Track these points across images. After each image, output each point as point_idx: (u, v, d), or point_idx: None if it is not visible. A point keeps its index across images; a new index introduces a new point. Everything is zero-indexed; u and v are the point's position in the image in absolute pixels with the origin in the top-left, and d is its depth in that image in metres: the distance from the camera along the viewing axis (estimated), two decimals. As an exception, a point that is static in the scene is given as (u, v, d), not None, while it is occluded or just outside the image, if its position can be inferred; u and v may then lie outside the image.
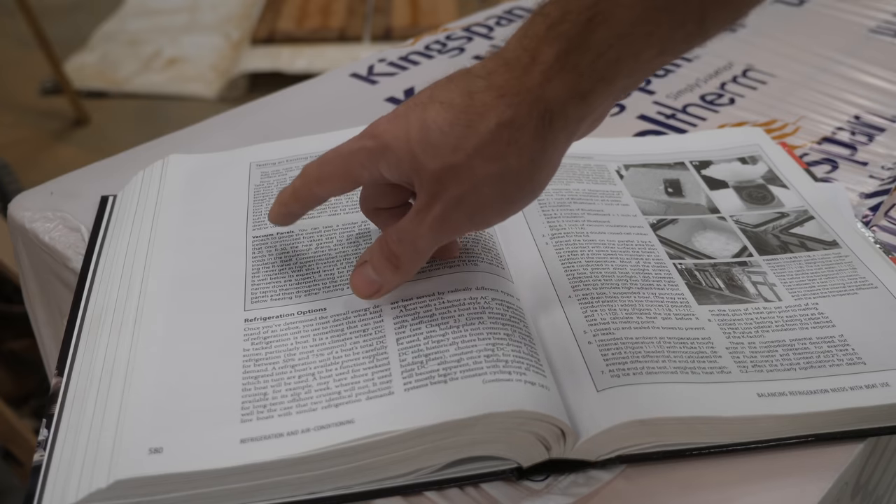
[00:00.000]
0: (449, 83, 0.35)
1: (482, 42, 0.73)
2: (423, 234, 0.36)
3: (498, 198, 0.35)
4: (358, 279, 0.38)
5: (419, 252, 0.37)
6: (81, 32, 2.43)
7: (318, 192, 0.39)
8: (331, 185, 0.39)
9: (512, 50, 0.33)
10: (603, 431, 0.34)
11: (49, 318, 0.54)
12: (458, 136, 0.33)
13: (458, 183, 0.34)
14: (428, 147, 0.34)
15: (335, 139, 0.51)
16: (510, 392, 0.34)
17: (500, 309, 0.38)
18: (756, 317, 0.41)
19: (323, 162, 0.39)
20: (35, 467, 0.33)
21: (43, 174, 0.60)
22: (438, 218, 0.35)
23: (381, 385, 0.35)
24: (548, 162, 0.35)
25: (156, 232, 0.44)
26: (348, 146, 0.37)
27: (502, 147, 0.33)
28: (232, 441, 0.33)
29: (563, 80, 0.32)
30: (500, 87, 0.33)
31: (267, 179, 0.48)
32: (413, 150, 0.34)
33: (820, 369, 0.38)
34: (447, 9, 2.37)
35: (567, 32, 0.32)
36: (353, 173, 0.37)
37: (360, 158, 0.37)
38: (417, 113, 0.34)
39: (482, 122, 0.33)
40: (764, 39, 0.73)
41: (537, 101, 0.33)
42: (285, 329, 0.38)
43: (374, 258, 0.38)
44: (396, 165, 0.35)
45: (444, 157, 0.34)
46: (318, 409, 0.34)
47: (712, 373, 0.37)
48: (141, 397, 0.35)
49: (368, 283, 0.38)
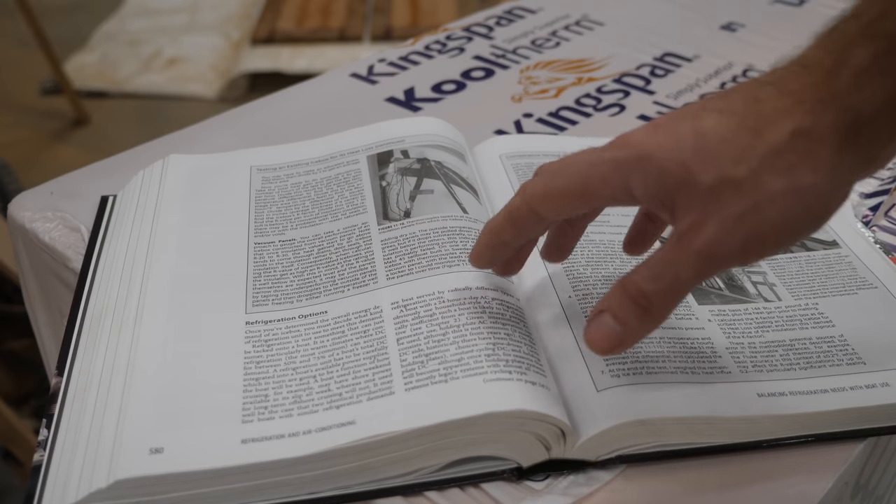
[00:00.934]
0: (727, 93, 0.30)
1: (482, 42, 0.73)
2: (686, 264, 0.29)
3: (783, 221, 0.29)
4: (595, 332, 0.31)
5: (678, 288, 0.30)
6: (81, 32, 2.43)
7: (543, 212, 0.33)
8: (557, 204, 0.32)
9: (812, 53, 0.29)
10: (603, 431, 0.34)
11: (49, 318, 0.54)
12: (742, 144, 0.29)
13: (738, 199, 0.28)
14: (704, 156, 0.29)
15: (337, 141, 0.52)
16: (511, 391, 0.34)
17: (500, 309, 0.38)
18: (756, 317, 0.41)
19: (554, 173, 0.33)
20: (35, 467, 0.33)
21: (43, 174, 0.60)
22: (710, 242, 0.29)
23: (381, 385, 0.35)
24: (843, 184, 0.29)
25: (156, 232, 0.44)
26: (588, 156, 0.31)
27: (796, 159, 0.28)
28: (233, 441, 0.33)
29: (881, 85, 0.28)
30: (796, 93, 0.29)
31: (268, 185, 0.48)
32: (684, 159, 0.29)
33: (820, 369, 0.38)
34: (447, 9, 2.37)
35: (889, 30, 0.27)
36: (591, 189, 0.31)
37: (603, 171, 0.31)
38: (688, 122, 0.30)
39: (773, 129, 0.28)
40: (764, 39, 0.73)
41: (845, 109, 0.28)
42: (287, 332, 0.38)
43: (615, 303, 0.31)
44: (657, 179, 0.30)
45: (723, 169, 0.29)
46: (320, 410, 0.34)
47: (712, 373, 0.37)
48: (141, 397, 0.35)
49: (608, 335, 0.31)
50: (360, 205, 0.46)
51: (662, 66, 0.69)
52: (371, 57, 0.70)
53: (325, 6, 2.41)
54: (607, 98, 0.64)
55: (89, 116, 2.06)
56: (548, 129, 0.60)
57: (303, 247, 0.44)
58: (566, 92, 0.65)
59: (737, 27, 0.75)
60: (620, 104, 0.63)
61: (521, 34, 0.74)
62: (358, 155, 0.50)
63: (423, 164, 0.48)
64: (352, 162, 0.50)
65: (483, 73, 0.67)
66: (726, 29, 0.75)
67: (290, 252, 0.43)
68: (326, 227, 0.45)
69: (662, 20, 0.77)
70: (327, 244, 0.44)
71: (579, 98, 0.64)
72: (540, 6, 0.80)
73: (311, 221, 0.45)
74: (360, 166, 0.49)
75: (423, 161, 0.48)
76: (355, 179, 0.48)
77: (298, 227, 0.45)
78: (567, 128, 0.60)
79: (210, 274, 0.42)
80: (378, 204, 0.45)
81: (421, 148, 0.49)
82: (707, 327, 0.40)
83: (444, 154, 0.49)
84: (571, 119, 0.61)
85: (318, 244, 0.44)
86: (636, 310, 0.30)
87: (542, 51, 0.71)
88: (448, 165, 0.48)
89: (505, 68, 0.68)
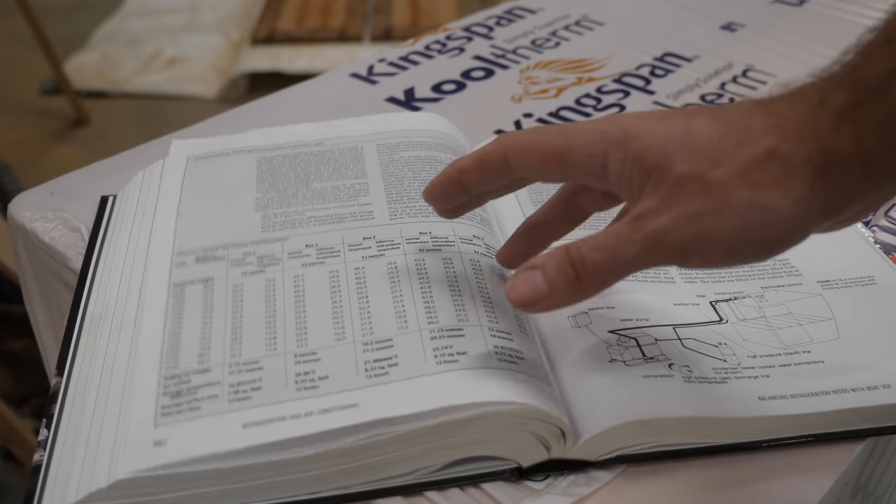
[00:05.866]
0: (724, 105, 0.32)
1: (482, 42, 0.73)
2: (631, 244, 0.30)
3: (736, 233, 0.29)
4: (520, 283, 0.32)
5: (616, 265, 0.31)
6: (81, 32, 2.43)
7: (514, 160, 0.33)
8: (534, 158, 0.33)
9: (805, 86, 0.30)
10: (603, 431, 0.34)
11: (49, 318, 0.54)
12: (724, 150, 0.30)
13: (702, 198, 0.29)
14: (685, 150, 0.30)
15: (337, 128, 0.51)
16: (514, 385, 0.34)
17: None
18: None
19: (539, 129, 0.33)
20: (35, 467, 0.33)
21: (43, 174, 0.61)
22: (661, 230, 0.30)
23: (384, 371, 0.35)
24: (805, 221, 0.30)
25: (156, 232, 0.44)
26: (577, 125, 0.33)
27: (769, 179, 0.29)
28: (234, 426, 0.33)
29: (851, 131, 0.29)
30: (783, 118, 0.30)
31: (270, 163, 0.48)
32: (665, 148, 0.30)
33: (820, 367, 0.38)
34: (447, 9, 2.37)
35: (864, 80, 0.29)
36: (571, 154, 0.32)
37: (587, 140, 0.32)
38: (681, 118, 0.31)
39: (755, 144, 0.29)
40: (764, 39, 0.73)
41: (820, 146, 0.29)
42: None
43: (550, 262, 0.31)
44: (635, 159, 0.31)
45: (698, 166, 0.29)
46: (321, 394, 0.34)
47: (713, 372, 0.37)
48: (142, 394, 0.35)
49: (531, 290, 0.31)
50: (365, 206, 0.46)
51: (662, 66, 0.69)
52: (371, 57, 0.70)
53: (325, 6, 2.41)
54: (607, 98, 0.64)
55: (89, 116, 2.06)
56: (548, 129, 0.60)
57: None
58: (566, 92, 0.65)
59: (737, 27, 0.75)
60: (620, 104, 0.63)
61: (521, 34, 0.75)
62: (360, 142, 0.50)
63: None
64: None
65: (483, 73, 0.67)
66: (726, 29, 0.75)
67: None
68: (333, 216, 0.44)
69: (662, 20, 0.77)
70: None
71: (579, 98, 0.64)
72: (540, 6, 0.80)
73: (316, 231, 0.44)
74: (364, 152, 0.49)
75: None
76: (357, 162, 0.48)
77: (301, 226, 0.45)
78: (567, 128, 0.60)
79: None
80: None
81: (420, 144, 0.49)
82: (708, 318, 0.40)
83: (444, 154, 0.49)
84: (571, 119, 0.61)
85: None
86: (568, 274, 0.31)
87: (542, 51, 0.71)
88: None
89: (505, 68, 0.68)
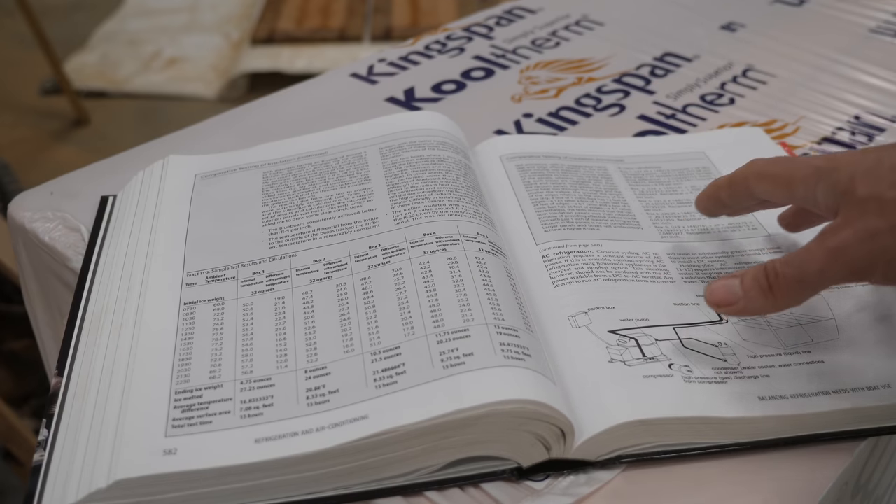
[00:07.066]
0: None
1: (482, 42, 0.73)
2: (816, 258, 0.34)
3: None
4: (719, 288, 0.37)
5: (803, 278, 0.34)
6: (81, 32, 2.43)
7: (754, 186, 0.39)
8: (766, 184, 0.38)
9: None
10: (603, 431, 0.34)
11: (49, 318, 0.54)
12: None
13: (880, 217, 0.33)
14: (869, 176, 0.33)
15: (340, 135, 0.51)
16: (519, 382, 0.34)
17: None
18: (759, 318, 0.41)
19: (773, 161, 0.38)
20: (35, 467, 0.33)
21: (43, 174, 0.61)
22: (841, 244, 0.33)
23: (392, 381, 0.35)
24: None
25: (156, 232, 0.44)
26: (803, 159, 0.37)
27: None
28: (247, 441, 0.33)
29: None
30: None
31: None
32: (854, 174, 0.34)
33: (820, 366, 0.38)
34: (447, 9, 2.37)
35: None
36: (793, 184, 0.37)
37: (805, 173, 0.36)
38: (876, 151, 0.35)
39: None
40: (764, 39, 0.73)
41: None
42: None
43: (748, 274, 0.36)
44: (833, 188, 0.35)
45: (877, 188, 0.33)
46: (331, 408, 0.34)
47: (713, 372, 0.37)
48: (152, 407, 0.34)
49: (727, 293, 0.36)
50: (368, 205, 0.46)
51: (662, 66, 0.69)
52: (371, 57, 0.70)
53: (325, 6, 2.41)
54: (607, 98, 0.64)
55: (89, 116, 2.06)
56: (548, 130, 0.60)
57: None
58: (566, 92, 0.65)
59: (737, 27, 0.75)
60: (620, 104, 0.63)
61: (521, 34, 0.74)
62: (363, 147, 0.50)
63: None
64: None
65: (483, 73, 0.67)
66: (726, 29, 0.75)
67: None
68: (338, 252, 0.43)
69: (662, 20, 0.77)
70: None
71: (579, 98, 0.64)
72: (540, 6, 0.80)
73: (323, 241, 0.44)
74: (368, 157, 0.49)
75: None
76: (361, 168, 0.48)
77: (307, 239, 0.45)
78: (567, 128, 0.60)
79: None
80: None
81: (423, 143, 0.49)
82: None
83: (445, 153, 0.49)
84: (571, 119, 0.61)
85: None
86: (762, 284, 0.35)
87: (542, 51, 0.71)
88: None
89: (505, 68, 0.68)
